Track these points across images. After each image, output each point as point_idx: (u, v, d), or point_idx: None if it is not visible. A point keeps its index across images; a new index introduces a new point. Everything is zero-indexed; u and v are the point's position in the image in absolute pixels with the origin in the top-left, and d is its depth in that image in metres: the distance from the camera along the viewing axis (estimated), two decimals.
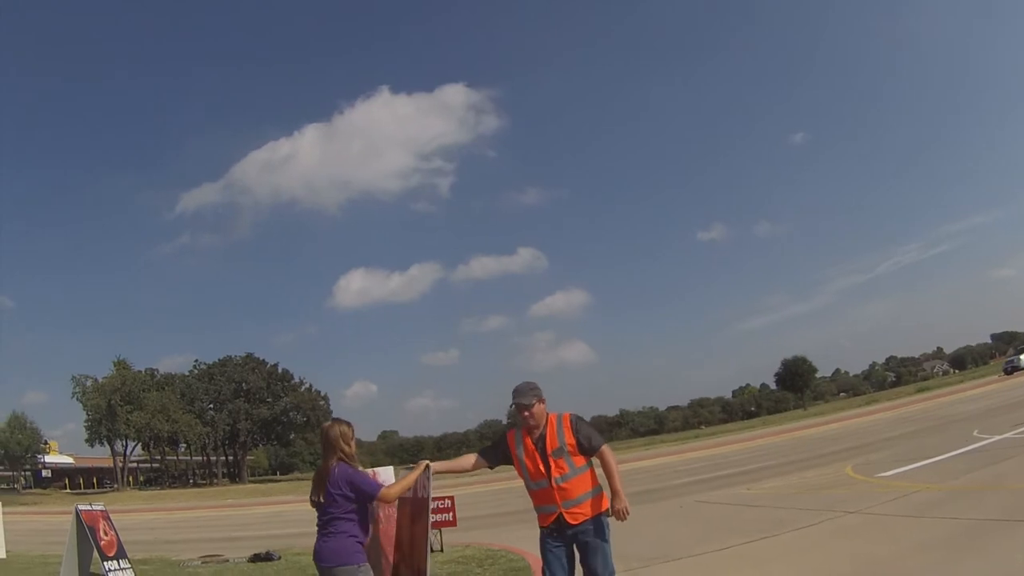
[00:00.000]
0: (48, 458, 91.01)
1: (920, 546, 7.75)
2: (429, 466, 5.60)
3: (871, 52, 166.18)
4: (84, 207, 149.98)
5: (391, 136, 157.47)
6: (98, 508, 11.84)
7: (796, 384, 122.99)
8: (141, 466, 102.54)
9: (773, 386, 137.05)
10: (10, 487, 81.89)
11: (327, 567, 5.25)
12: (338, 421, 5.70)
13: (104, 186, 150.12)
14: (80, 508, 11.34)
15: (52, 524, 25.55)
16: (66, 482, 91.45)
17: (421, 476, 5.53)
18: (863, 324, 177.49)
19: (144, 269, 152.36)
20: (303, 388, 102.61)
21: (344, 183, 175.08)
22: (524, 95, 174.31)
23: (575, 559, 5.37)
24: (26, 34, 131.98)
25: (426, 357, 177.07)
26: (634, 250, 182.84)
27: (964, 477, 11.84)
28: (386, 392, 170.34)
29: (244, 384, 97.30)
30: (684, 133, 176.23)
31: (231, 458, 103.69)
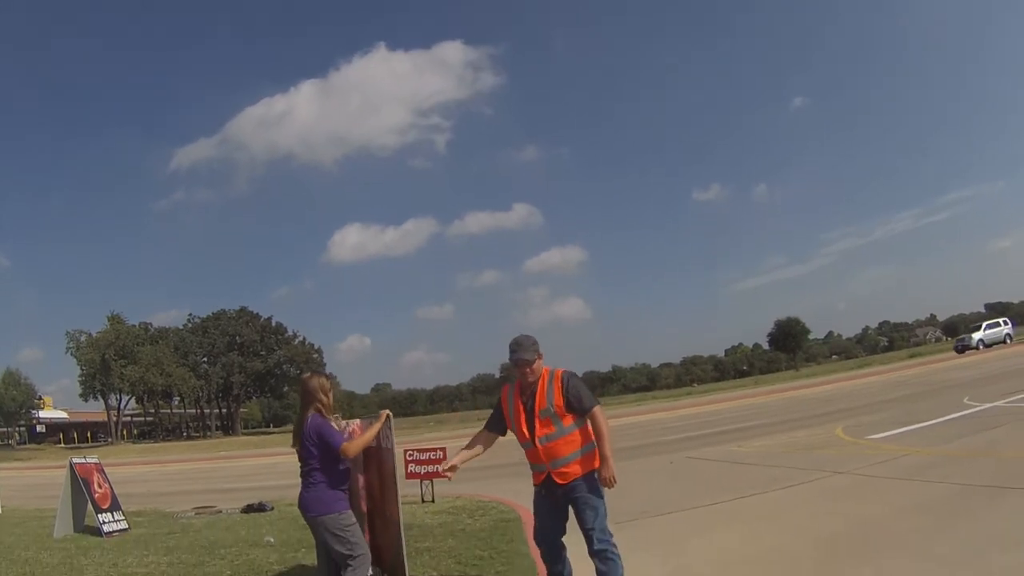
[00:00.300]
0: (42, 413, 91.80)
1: (909, 508, 7.81)
2: (390, 416, 5.55)
3: (875, 17, 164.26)
4: (79, 164, 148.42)
5: (388, 93, 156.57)
6: (92, 461, 11.92)
7: (789, 345, 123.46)
8: (135, 420, 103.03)
9: (766, 346, 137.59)
10: (4, 443, 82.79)
11: (311, 516, 5.34)
12: (317, 373, 5.77)
13: (99, 143, 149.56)
14: (74, 461, 11.42)
15: (47, 479, 25.59)
16: (60, 437, 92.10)
17: (383, 427, 5.50)
18: (859, 288, 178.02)
19: (139, 225, 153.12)
20: (297, 341, 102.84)
21: (340, 139, 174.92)
22: (523, 53, 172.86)
23: (568, 513, 5.37)
24: None
25: (421, 311, 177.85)
26: (631, 208, 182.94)
27: (954, 443, 11.86)
28: (380, 346, 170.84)
29: (238, 337, 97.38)
30: (684, 94, 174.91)
31: (225, 411, 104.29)
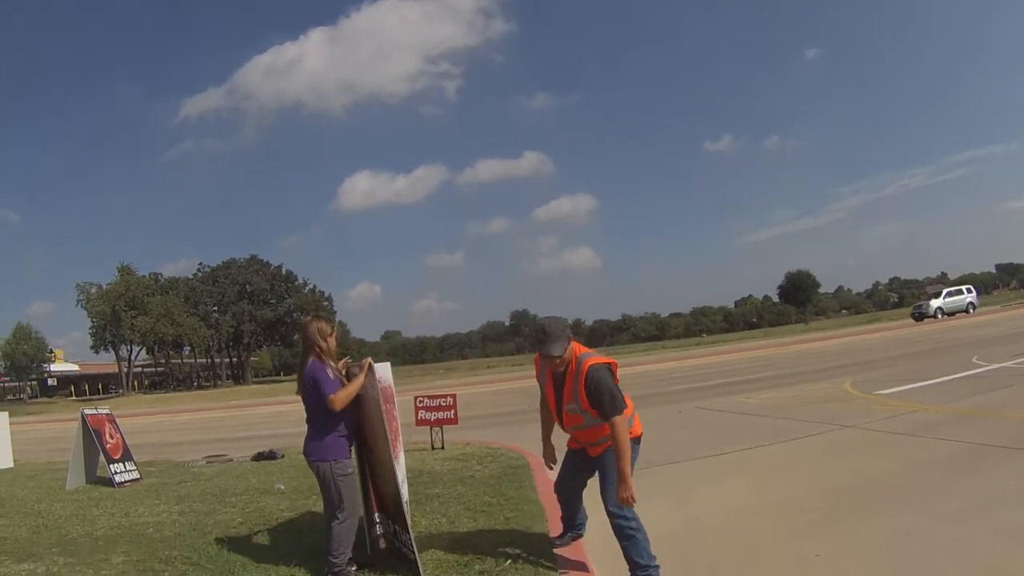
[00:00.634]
0: (54, 367, 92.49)
1: (916, 464, 7.81)
2: (372, 365, 5.43)
3: None
4: (87, 115, 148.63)
5: (398, 40, 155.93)
6: (104, 412, 12.01)
7: (798, 298, 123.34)
8: (146, 371, 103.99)
9: (776, 299, 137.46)
10: (16, 397, 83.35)
11: (310, 461, 5.38)
12: (317, 317, 5.70)
13: (106, 94, 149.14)
14: (86, 412, 11.50)
15: (58, 431, 25.96)
16: (72, 390, 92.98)
17: (367, 377, 5.42)
18: (870, 244, 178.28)
19: (148, 176, 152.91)
20: (307, 289, 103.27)
21: (350, 86, 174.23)
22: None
23: (595, 472, 5.32)
24: None
25: (430, 259, 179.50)
26: (641, 157, 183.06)
27: (962, 401, 11.83)
28: (390, 293, 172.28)
29: (248, 286, 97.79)
30: (697, 44, 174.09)
31: (235, 360, 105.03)
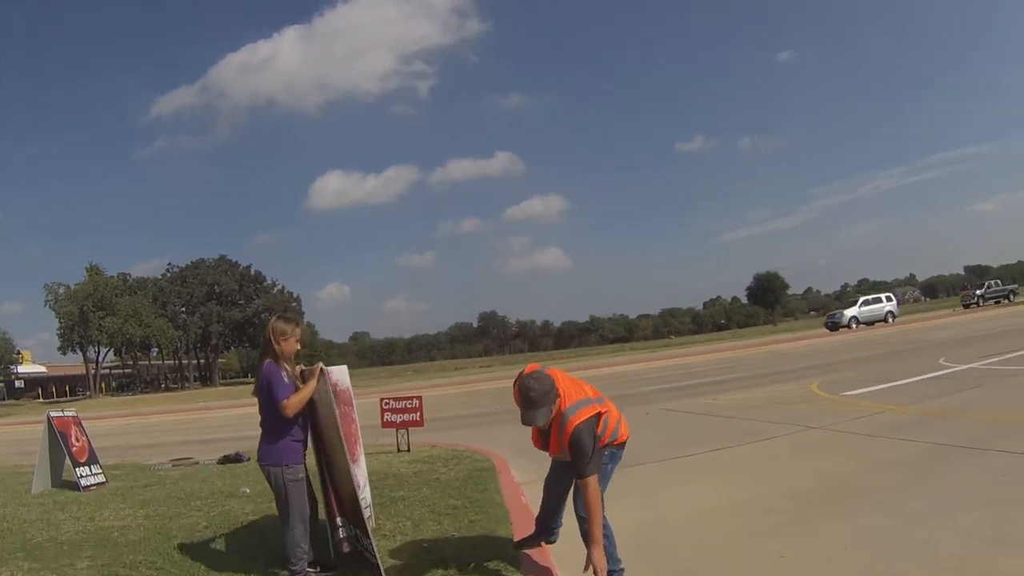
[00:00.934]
0: (21, 368, 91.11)
1: (882, 465, 7.90)
2: (324, 369, 5.34)
3: None
4: (58, 112, 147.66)
5: (372, 38, 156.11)
6: (69, 415, 11.87)
7: (767, 299, 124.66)
8: (113, 372, 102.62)
9: (745, 300, 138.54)
10: None
11: (261, 465, 5.29)
12: (279, 317, 5.55)
13: (78, 90, 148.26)
14: (52, 415, 11.36)
15: (24, 434, 25.45)
16: (39, 392, 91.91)
17: (320, 382, 5.32)
18: (841, 245, 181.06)
19: (120, 174, 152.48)
20: (275, 290, 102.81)
21: (323, 85, 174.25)
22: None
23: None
24: None
25: (401, 259, 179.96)
26: (613, 158, 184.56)
27: (928, 402, 11.96)
28: (360, 294, 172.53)
29: (216, 287, 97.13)
30: (670, 45, 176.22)
31: (203, 361, 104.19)
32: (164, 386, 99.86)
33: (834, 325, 52.76)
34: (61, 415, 11.58)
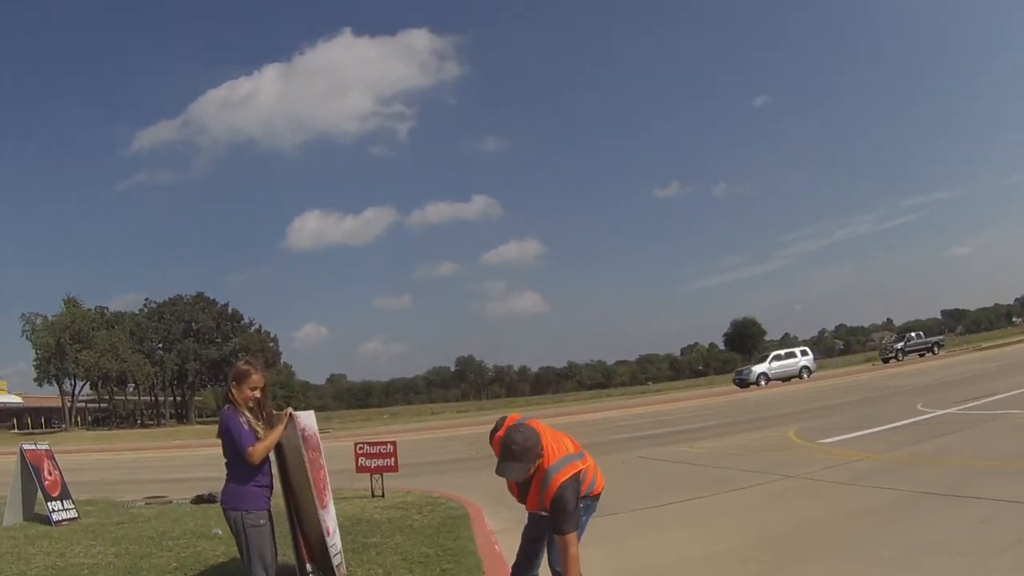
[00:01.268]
0: None
1: (857, 513, 7.92)
2: (292, 414, 5.37)
3: (838, 19, 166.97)
4: (38, 143, 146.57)
5: (351, 79, 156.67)
6: (43, 448, 11.78)
7: (744, 345, 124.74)
8: (89, 406, 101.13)
9: (722, 346, 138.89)
10: None
11: (224, 509, 5.19)
12: (244, 360, 5.44)
13: (59, 122, 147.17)
14: (25, 448, 11.28)
15: None
16: (14, 422, 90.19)
17: (288, 427, 5.33)
18: (817, 290, 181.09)
19: (99, 206, 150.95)
20: (252, 329, 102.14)
21: (302, 124, 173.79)
22: (488, 43, 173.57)
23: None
24: None
25: (378, 301, 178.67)
26: (590, 203, 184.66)
27: (905, 449, 12.02)
28: (337, 335, 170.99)
29: (194, 324, 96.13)
30: (647, 90, 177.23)
31: (179, 399, 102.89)
32: (140, 422, 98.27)
33: (742, 383, 49.30)
34: (34, 448, 11.49)
